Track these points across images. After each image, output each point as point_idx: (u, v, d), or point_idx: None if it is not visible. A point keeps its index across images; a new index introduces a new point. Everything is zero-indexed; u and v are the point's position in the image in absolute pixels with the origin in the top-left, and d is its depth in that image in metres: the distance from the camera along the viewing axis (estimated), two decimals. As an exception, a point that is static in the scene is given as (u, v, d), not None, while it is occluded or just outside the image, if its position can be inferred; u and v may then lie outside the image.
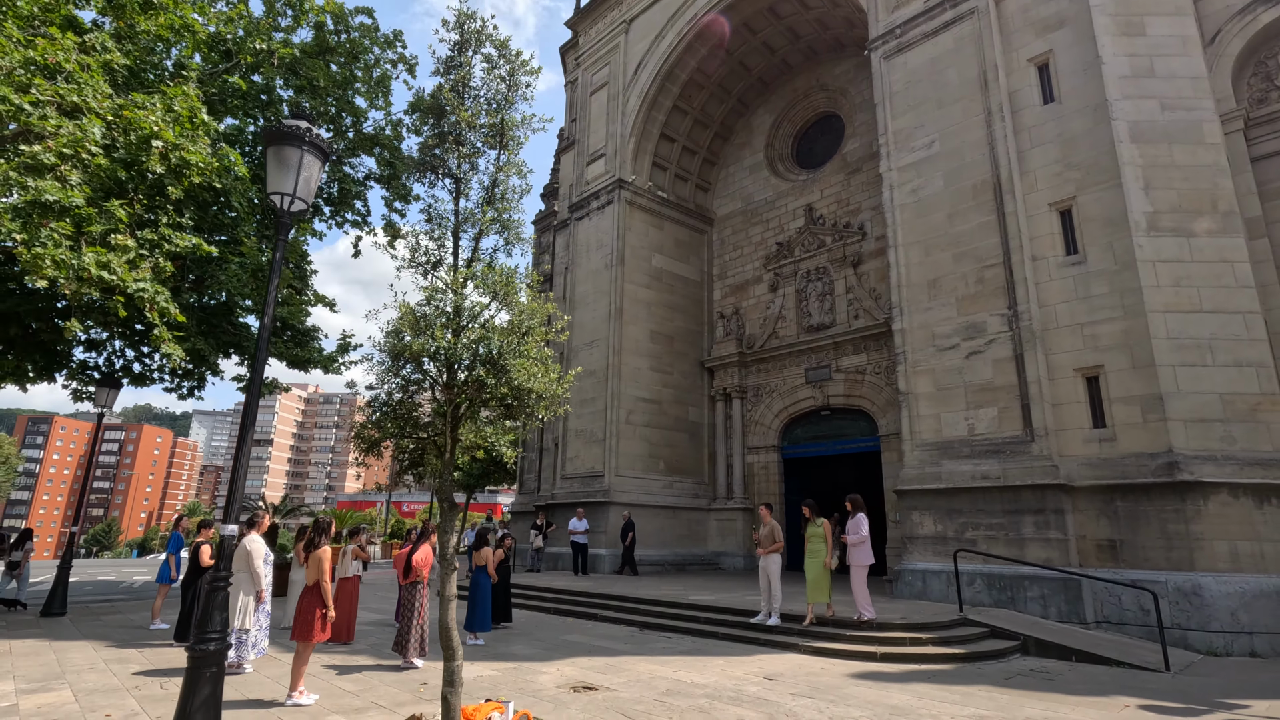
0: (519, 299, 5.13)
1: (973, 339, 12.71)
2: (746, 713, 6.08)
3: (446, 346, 4.51)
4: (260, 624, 7.72)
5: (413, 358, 4.63)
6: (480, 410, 5.13)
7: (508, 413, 5.26)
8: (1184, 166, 11.76)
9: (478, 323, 4.77)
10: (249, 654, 7.57)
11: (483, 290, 5.06)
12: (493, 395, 4.74)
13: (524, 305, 5.30)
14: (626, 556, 17.43)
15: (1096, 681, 7.59)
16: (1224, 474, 10.23)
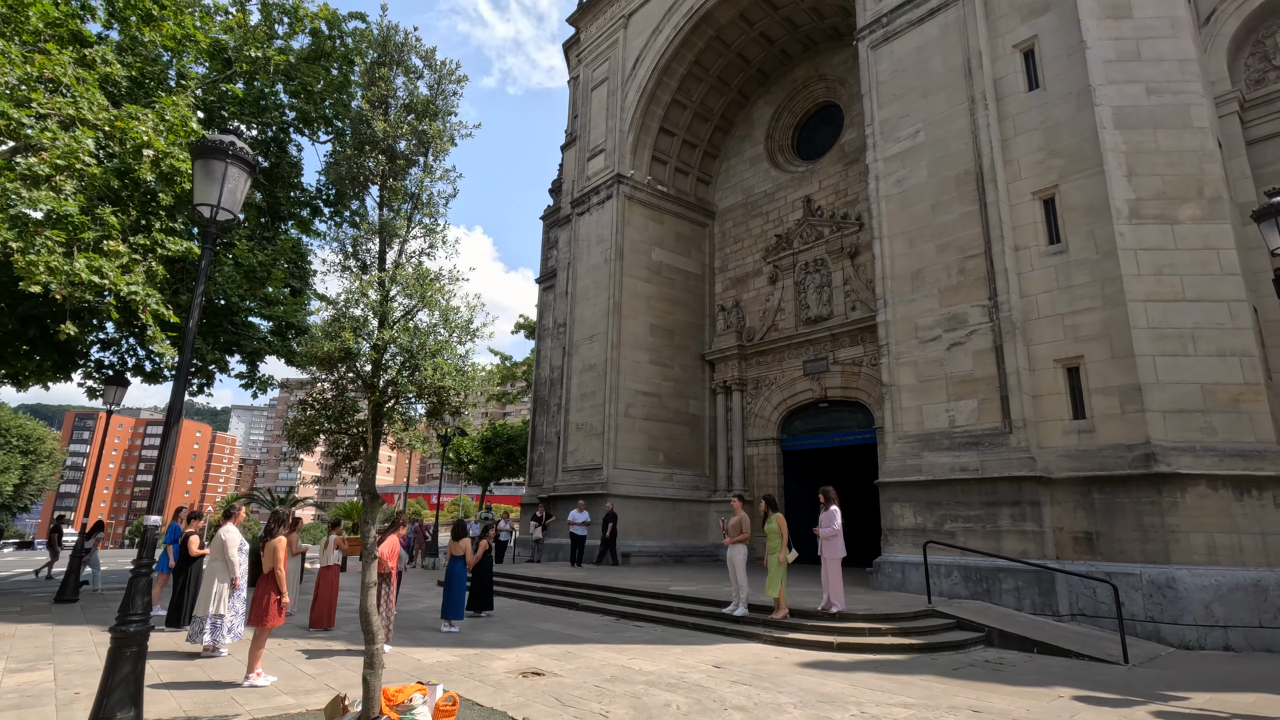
0: (436, 300, 5.37)
1: (954, 330, 12.64)
2: (676, 698, 6.28)
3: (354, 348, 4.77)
4: (235, 609, 8.12)
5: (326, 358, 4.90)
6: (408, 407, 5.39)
7: (433, 410, 5.51)
8: (1169, 152, 11.50)
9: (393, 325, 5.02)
10: (224, 638, 7.98)
11: (405, 293, 5.31)
12: (402, 393, 4.99)
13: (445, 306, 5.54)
14: (608, 546, 17.72)
15: (1047, 673, 7.61)
16: (1203, 466, 10.07)
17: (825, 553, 9.69)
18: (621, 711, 5.83)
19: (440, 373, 5.14)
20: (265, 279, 12.93)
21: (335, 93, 16.82)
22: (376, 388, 5.14)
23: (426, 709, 5.29)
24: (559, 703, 6.09)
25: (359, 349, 4.82)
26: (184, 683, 6.74)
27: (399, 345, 4.93)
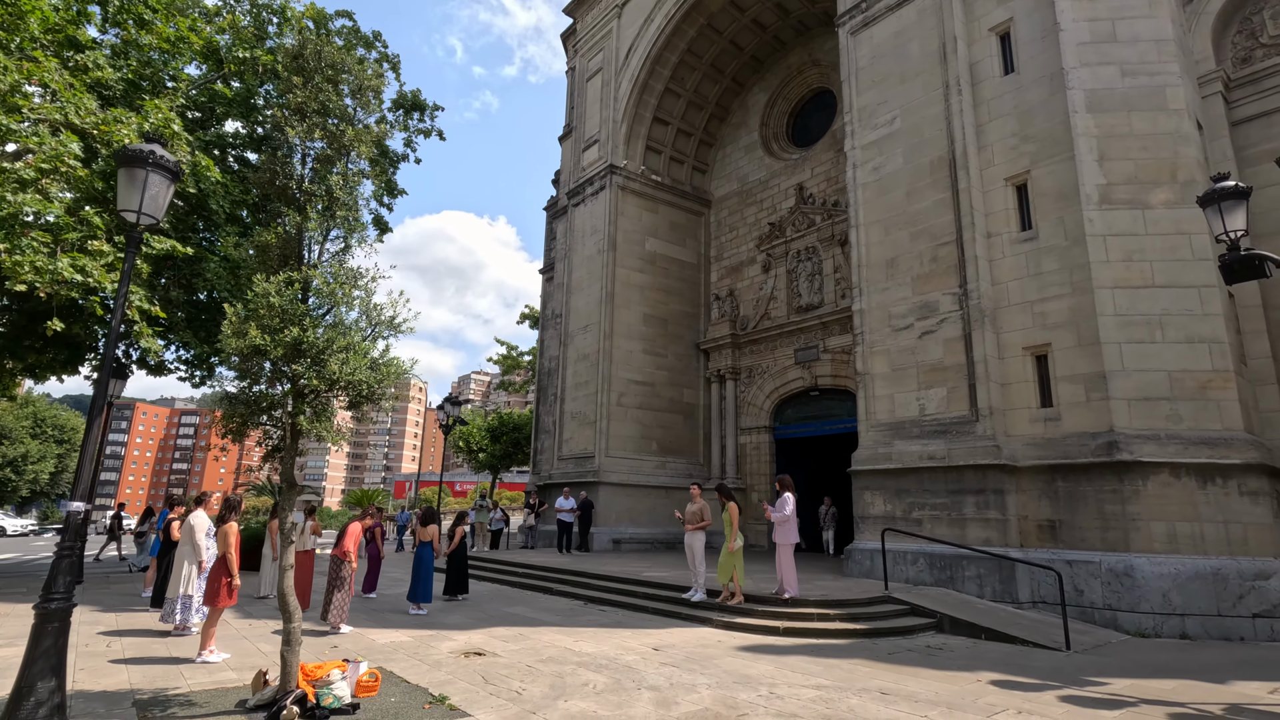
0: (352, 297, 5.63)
1: (926, 319, 12.61)
2: (597, 677, 6.52)
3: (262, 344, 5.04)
4: (202, 590, 8.55)
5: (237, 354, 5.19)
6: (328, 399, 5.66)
7: (353, 402, 5.79)
8: (1143, 135, 11.31)
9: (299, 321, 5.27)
10: (193, 617, 8.42)
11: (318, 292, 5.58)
12: (309, 387, 5.27)
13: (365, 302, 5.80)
14: (582, 532, 18.06)
15: (981, 658, 7.70)
16: (1166, 454, 9.99)
17: (777, 539, 9.85)
18: (538, 689, 6.09)
19: (349, 367, 5.40)
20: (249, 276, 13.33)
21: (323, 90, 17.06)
22: (288, 381, 5.42)
23: (346, 684, 5.60)
24: (483, 680, 6.38)
25: (267, 345, 5.09)
26: (144, 658, 7.17)
27: (307, 341, 5.19)
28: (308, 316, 5.27)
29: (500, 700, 5.73)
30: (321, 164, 5.86)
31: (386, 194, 17.85)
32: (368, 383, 5.56)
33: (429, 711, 5.44)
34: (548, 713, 5.39)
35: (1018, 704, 5.79)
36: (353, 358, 5.50)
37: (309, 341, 5.18)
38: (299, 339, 5.16)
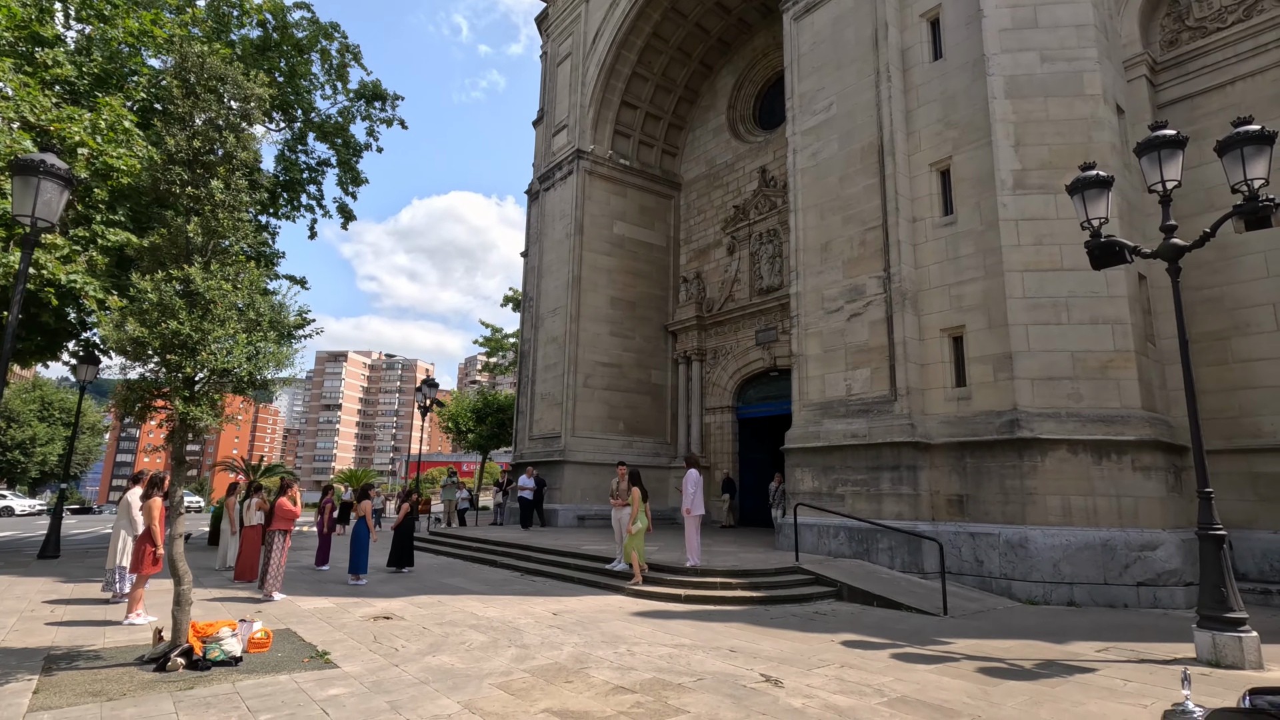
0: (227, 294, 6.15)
1: (854, 301, 13.00)
2: (480, 637, 7.13)
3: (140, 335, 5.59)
4: (144, 562, 9.22)
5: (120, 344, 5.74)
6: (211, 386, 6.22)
7: (237, 388, 6.35)
8: (1058, 121, 11.56)
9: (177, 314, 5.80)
10: (128, 585, 9.10)
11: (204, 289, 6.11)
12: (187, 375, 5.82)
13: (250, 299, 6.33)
14: (537, 509, 18.76)
15: (856, 623, 8.25)
16: (1065, 431, 10.41)
17: (685, 511, 10.39)
18: (416, 646, 6.71)
19: (231, 358, 5.94)
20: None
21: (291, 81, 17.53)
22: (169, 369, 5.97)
23: (236, 640, 6.23)
24: (372, 639, 7.00)
25: (145, 337, 5.63)
26: (78, 621, 7.87)
27: (183, 334, 5.72)
28: (183, 311, 5.79)
29: (375, 655, 6.34)
30: (204, 170, 6.32)
31: (351, 184, 18.32)
32: (249, 371, 6.10)
33: (306, 664, 6.05)
34: (410, 665, 6.00)
35: (847, 659, 6.33)
36: (235, 349, 6.04)
37: (184, 334, 5.71)
38: (176, 331, 5.70)
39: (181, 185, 6.17)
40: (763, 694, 5.20)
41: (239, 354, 6.00)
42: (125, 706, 4.81)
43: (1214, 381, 11.57)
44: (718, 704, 4.93)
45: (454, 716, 4.64)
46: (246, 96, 6.63)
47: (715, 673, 5.80)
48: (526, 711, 4.74)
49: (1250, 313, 11.33)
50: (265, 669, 5.86)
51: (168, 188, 6.18)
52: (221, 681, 5.47)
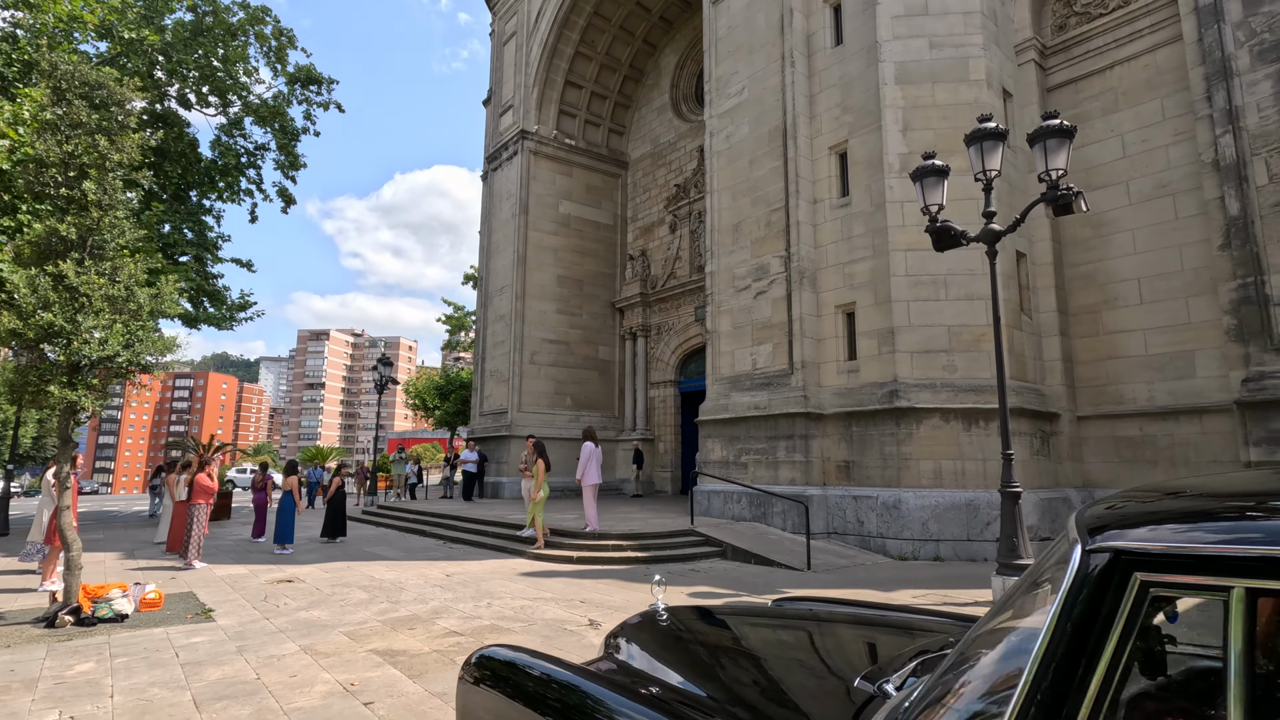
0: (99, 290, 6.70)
1: (760, 280, 13.64)
2: (362, 595, 7.86)
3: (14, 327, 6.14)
4: (69, 535, 9.84)
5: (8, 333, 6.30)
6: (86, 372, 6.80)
7: (120, 372, 6.93)
8: (944, 106, 12.13)
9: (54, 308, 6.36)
10: (59, 558, 9.73)
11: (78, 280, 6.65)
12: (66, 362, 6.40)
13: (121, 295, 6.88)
14: (478, 481, 19.55)
15: (720, 578, 9.04)
16: (939, 400, 11.18)
17: (582, 480, 11.13)
18: (297, 603, 7.42)
19: (106, 347, 6.52)
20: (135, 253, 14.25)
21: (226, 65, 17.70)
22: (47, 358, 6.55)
23: (126, 600, 6.91)
24: (261, 599, 7.70)
25: (20, 329, 6.19)
26: None
27: (58, 325, 6.29)
28: (56, 304, 6.34)
29: (254, 612, 7.04)
30: (77, 173, 6.80)
31: (289, 167, 18.61)
32: (128, 358, 6.68)
33: (188, 620, 6.75)
34: (280, 618, 6.71)
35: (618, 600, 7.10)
36: (112, 337, 6.61)
37: (58, 325, 6.28)
38: (51, 323, 6.26)
39: (55, 186, 6.67)
40: (573, 634, 5.95)
41: (114, 342, 6.57)
42: (1, 654, 5.48)
43: (1087, 352, 12.37)
44: (525, 641, 5.67)
45: (287, 655, 5.34)
46: (120, 101, 7.08)
47: (550, 619, 6.55)
48: (354, 651, 5.46)
49: (1119, 287, 12.08)
50: (148, 624, 6.55)
51: (42, 188, 6.67)
52: (99, 635, 6.15)
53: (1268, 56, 10.18)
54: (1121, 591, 0.89)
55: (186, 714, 4.10)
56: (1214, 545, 0.85)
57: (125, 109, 7.11)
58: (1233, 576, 0.82)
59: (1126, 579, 0.90)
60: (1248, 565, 0.81)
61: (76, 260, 6.63)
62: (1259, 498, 0.98)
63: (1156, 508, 0.98)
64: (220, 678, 4.82)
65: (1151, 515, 0.96)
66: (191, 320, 17.08)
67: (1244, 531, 0.85)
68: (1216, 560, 0.84)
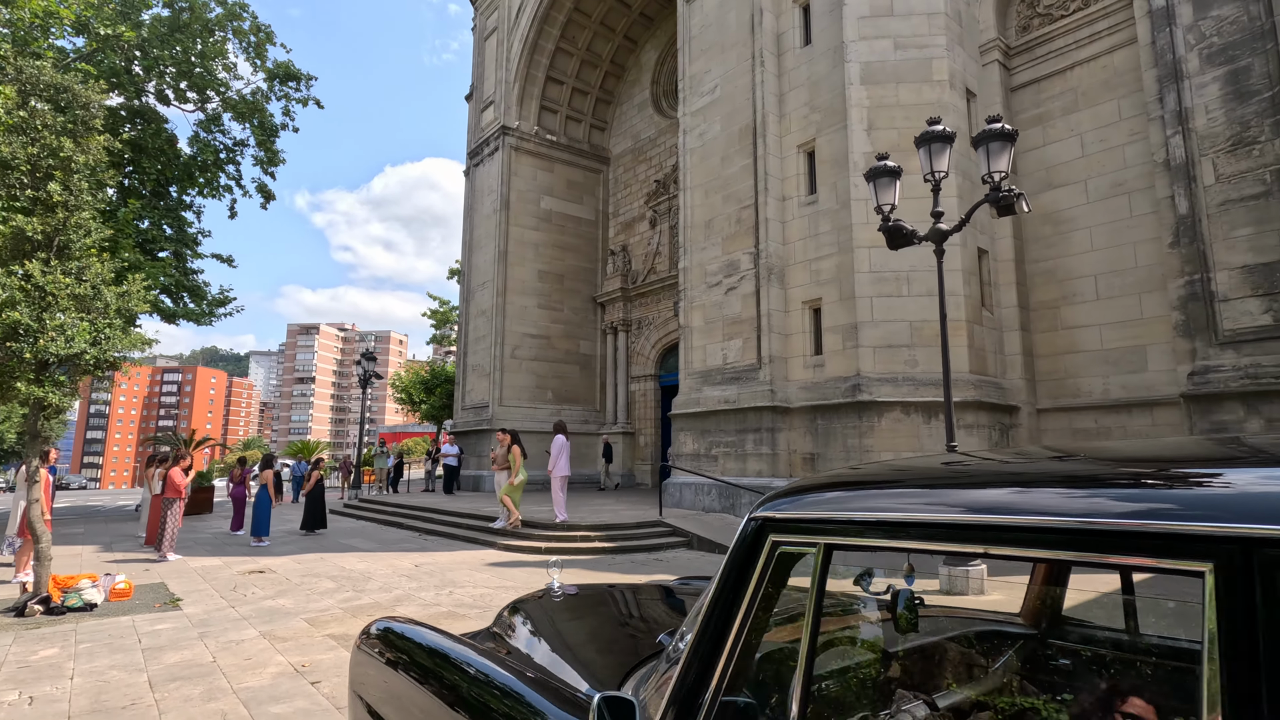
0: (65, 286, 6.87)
1: (731, 276, 13.90)
2: (329, 584, 8.09)
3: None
4: (45, 529, 10.02)
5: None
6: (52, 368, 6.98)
7: (87, 369, 7.12)
8: (908, 106, 12.39)
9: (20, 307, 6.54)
10: (35, 550, 9.92)
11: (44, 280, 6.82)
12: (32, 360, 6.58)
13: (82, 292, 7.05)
14: (457, 475, 19.81)
15: (682, 566, 9.32)
16: (900, 394, 11.48)
17: (553, 472, 11.39)
18: (265, 592, 7.65)
19: (73, 345, 6.70)
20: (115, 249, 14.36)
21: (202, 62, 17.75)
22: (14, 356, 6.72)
23: (96, 590, 7.12)
24: (232, 589, 7.93)
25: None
26: (-27, 581, 8.71)
27: (24, 324, 6.47)
28: (22, 303, 6.52)
29: (221, 600, 7.27)
30: (43, 174, 6.96)
31: (268, 163, 18.69)
32: (94, 355, 6.87)
33: (156, 609, 6.96)
34: (246, 606, 6.94)
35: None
36: (78, 335, 6.79)
37: (24, 324, 6.46)
38: (17, 321, 6.44)
39: (20, 188, 6.83)
40: (525, 619, 6.20)
41: (80, 340, 6.75)
42: (-30, 641, 5.69)
43: (1046, 347, 12.70)
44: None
45: (246, 640, 5.58)
46: (85, 104, 7.24)
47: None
48: (311, 636, 5.70)
49: (1077, 284, 12.40)
50: (116, 613, 6.77)
51: (8, 190, 6.83)
52: (68, 623, 6.37)
53: (1216, 60, 10.47)
54: (760, 548, 1.15)
55: (140, 693, 4.34)
56: (810, 511, 1.10)
57: (90, 111, 7.25)
58: (818, 535, 1.07)
59: (763, 539, 1.15)
60: (824, 527, 1.06)
61: (43, 260, 6.80)
62: (881, 477, 1.23)
63: (805, 484, 1.23)
64: (178, 661, 5.05)
65: (794, 489, 1.21)
66: (170, 315, 17.18)
67: (831, 502, 1.11)
68: (810, 523, 1.09)
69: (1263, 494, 0.73)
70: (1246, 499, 0.72)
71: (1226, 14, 10.45)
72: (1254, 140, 10.00)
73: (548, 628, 2.28)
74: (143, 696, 4.28)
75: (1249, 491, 0.75)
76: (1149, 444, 1.24)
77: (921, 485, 1.09)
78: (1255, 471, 0.88)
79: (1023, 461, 1.20)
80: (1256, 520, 0.66)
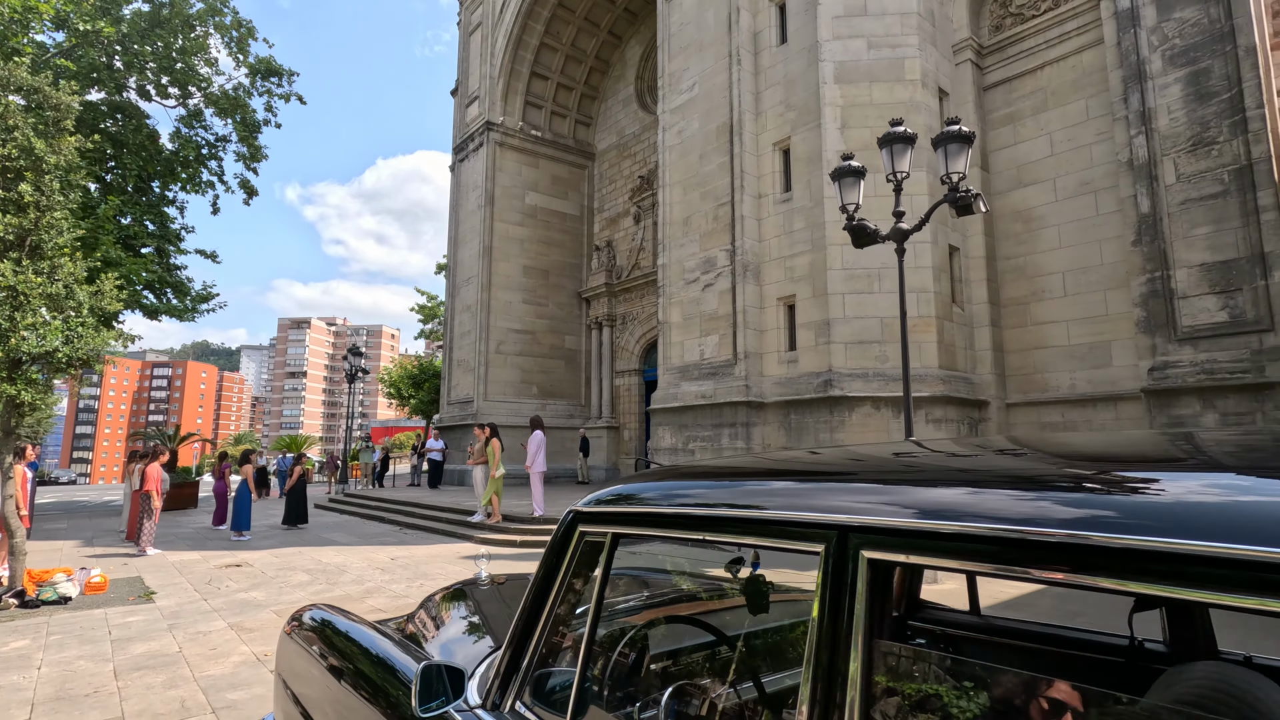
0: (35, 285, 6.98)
1: (708, 273, 14.06)
2: (304, 577, 8.25)
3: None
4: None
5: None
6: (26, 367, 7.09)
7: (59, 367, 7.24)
8: (880, 104, 12.55)
9: None
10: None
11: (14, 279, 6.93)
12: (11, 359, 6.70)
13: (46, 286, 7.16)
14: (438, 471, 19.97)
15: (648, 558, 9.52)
16: (870, 389, 11.70)
17: (531, 467, 11.57)
18: (238, 586, 7.80)
19: (46, 343, 6.82)
20: (94, 245, 14.42)
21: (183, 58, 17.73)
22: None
23: (71, 584, 7.26)
24: (207, 582, 8.08)
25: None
26: (-48, 576, 8.81)
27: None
28: (-8, 303, 6.63)
29: (194, 594, 7.42)
30: (14, 176, 7.05)
31: (251, 159, 18.71)
32: (66, 354, 6.99)
33: (130, 602, 7.11)
34: (218, 599, 7.09)
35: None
36: (50, 334, 6.91)
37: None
38: (-13, 319, 6.55)
39: (-10, 188, 6.92)
40: (488, 610, 6.38)
41: (52, 339, 6.87)
42: (-57, 634, 5.83)
43: (1016, 342, 12.94)
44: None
45: (214, 632, 5.74)
46: (56, 105, 7.32)
47: (472, 597, 6.98)
48: (277, 626, 5.86)
49: (1046, 280, 12.62)
50: (90, 606, 6.91)
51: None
52: (41, 616, 6.51)
53: (1178, 61, 10.68)
54: (571, 537, 1.32)
55: (104, 682, 4.50)
56: (606, 507, 1.27)
57: (61, 111, 7.34)
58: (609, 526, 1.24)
59: (574, 529, 1.32)
60: (614, 519, 1.24)
61: (15, 260, 6.90)
62: (675, 474, 1.41)
63: (620, 481, 1.40)
64: (144, 651, 5.21)
65: (606, 485, 1.39)
66: (153, 312, 17.22)
67: (620, 499, 1.28)
68: (605, 516, 1.26)
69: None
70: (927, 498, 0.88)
71: (1188, 16, 10.65)
72: (1213, 140, 10.22)
73: (458, 612, 2.46)
74: (106, 685, 4.44)
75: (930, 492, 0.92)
76: (884, 445, 1.42)
77: (701, 481, 1.27)
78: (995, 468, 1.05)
79: (793, 459, 1.38)
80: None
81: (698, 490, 1.14)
